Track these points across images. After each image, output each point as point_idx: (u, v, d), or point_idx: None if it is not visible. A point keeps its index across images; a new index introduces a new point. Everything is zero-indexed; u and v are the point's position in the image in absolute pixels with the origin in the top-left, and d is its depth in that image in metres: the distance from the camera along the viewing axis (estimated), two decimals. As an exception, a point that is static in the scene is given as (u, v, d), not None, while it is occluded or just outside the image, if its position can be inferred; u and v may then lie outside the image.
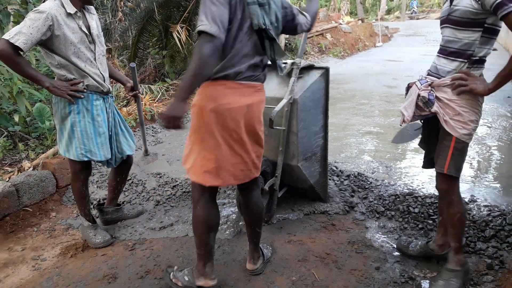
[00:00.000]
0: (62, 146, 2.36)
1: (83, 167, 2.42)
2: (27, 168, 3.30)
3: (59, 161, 3.30)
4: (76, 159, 2.33)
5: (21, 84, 3.51)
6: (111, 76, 2.55)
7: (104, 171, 3.65)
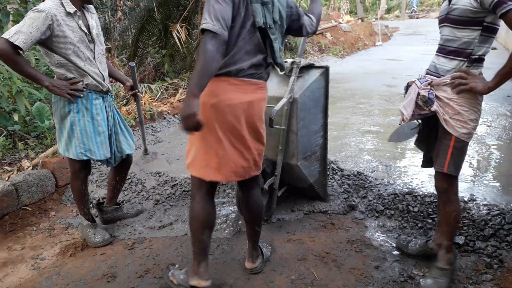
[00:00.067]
0: (61, 145, 2.36)
1: (83, 166, 2.42)
2: (27, 167, 3.30)
3: (58, 160, 3.30)
4: (75, 158, 2.33)
5: (21, 83, 3.50)
6: (111, 75, 2.56)
7: (103, 170, 3.65)
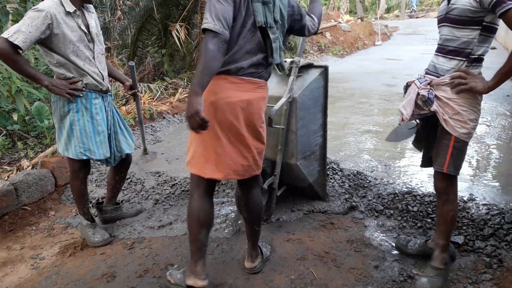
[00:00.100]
0: (61, 145, 2.36)
1: (82, 165, 2.42)
2: (26, 167, 3.30)
3: (58, 160, 3.30)
4: (75, 157, 2.33)
5: (20, 83, 3.50)
6: (110, 75, 2.55)
7: (103, 170, 3.65)
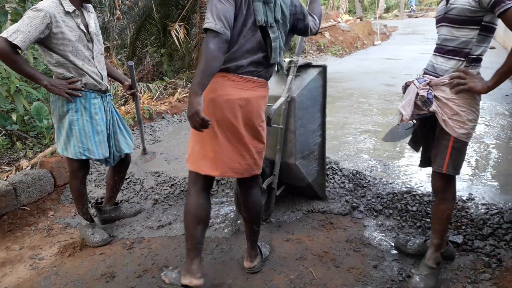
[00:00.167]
0: (60, 145, 2.36)
1: (81, 165, 2.42)
2: (25, 167, 3.29)
3: (57, 159, 3.30)
4: (74, 157, 2.32)
5: (19, 83, 3.50)
6: (109, 75, 2.55)
7: (102, 169, 3.64)
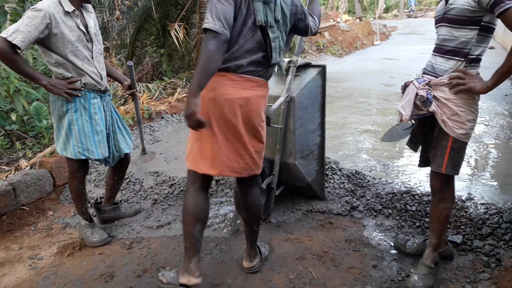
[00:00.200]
0: (59, 145, 2.36)
1: (81, 165, 2.42)
2: (24, 167, 3.29)
3: (56, 159, 3.30)
4: (73, 157, 2.32)
5: (18, 83, 3.49)
6: (109, 75, 2.55)
7: (101, 169, 3.64)
